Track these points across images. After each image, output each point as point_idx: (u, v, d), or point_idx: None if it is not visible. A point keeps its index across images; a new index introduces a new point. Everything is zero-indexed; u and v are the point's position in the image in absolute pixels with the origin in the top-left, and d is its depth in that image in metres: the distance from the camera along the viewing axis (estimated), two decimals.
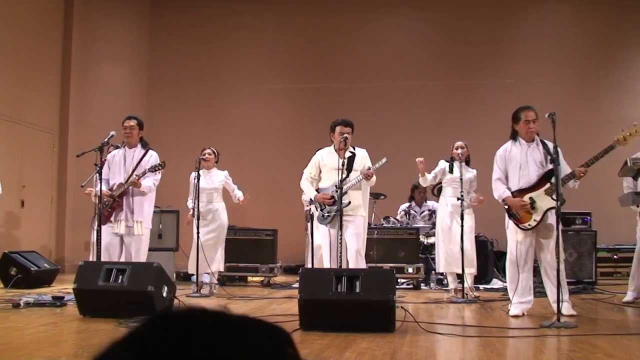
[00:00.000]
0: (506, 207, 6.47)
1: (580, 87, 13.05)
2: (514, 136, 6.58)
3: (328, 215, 6.88)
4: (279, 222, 10.90)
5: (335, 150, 7.00)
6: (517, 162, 6.45)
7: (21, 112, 10.99)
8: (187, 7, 14.40)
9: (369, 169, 6.86)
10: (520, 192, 6.39)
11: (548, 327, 5.52)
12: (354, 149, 7.09)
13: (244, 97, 14.04)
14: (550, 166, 6.25)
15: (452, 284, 8.34)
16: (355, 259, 6.80)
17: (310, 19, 13.98)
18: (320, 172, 7.10)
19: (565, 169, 6.33)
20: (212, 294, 8.49)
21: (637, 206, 7.44)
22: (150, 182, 7.31)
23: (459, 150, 8.11)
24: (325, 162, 7.00)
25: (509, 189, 6.47)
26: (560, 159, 6.31)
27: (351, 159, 6.97)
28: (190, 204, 8.72)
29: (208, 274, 8.81)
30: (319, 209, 7.01)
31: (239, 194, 9.04)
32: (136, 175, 7.17)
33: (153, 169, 7.18)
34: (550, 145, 6.29)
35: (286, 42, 14.08)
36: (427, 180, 8.37)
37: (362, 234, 7.03)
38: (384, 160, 6.89)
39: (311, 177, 7.15)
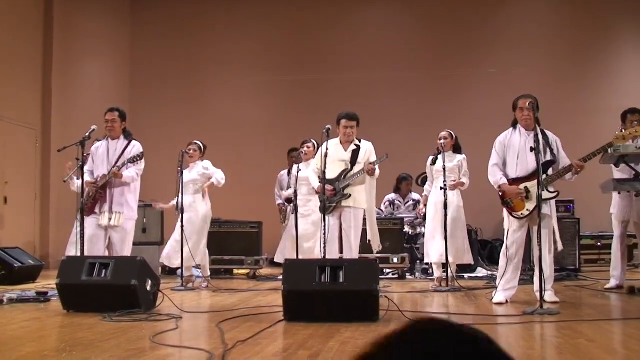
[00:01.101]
0: (500, 194, 6.50)
1: (562, 75, 13.10)
2: (514, 124, 6.62)
3: (330, 206, 7.04)
4: (264, 214, 10.89)
5: (341, 143, 7.16)
6: (516, 150, 6.49)
7: (3, 108, 10.89)
8: (168, 1, 14.33)
9: (371, 164, 6.98)
10: (516, 181, 6.42)
11: (531, 314, 5.56)
12: (360, 142, 7.27)
13: (227, 90, 14.01)
14: (548, 157, 6.30)
15: (437, 272, 8.34)
16: (349, 254, 6.96)
17: (293, 11, 13.95)
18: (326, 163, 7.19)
19: (564, 160, 6.41)
20: (201, 287, 8.45)
21: (619, 193, 7.50)
22: (132, 172, 7.27)
23: (442, 141, 8.16)
24: (330, 154, 7.04)
25: (506, 176, 6.50)
26: (560, 150, 6.42)
27: (355, 152, 7.17)
28: (173, 202, 8.75)
29: (196, 267, 8.80)
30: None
31: (218, 176, 8.74)
32: (117, 167, 7.13)
33: (132, 160, 7.14)
34: (550, 135, 6.41)
35: (269, 34, 14.04)
36: (428, 190, 8.51)
37: (360, 227, 7.20)
38: (384, 157, 7.14)
39: (318, 169, 7.26)
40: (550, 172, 6.32)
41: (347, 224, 7.06)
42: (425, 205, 8.53)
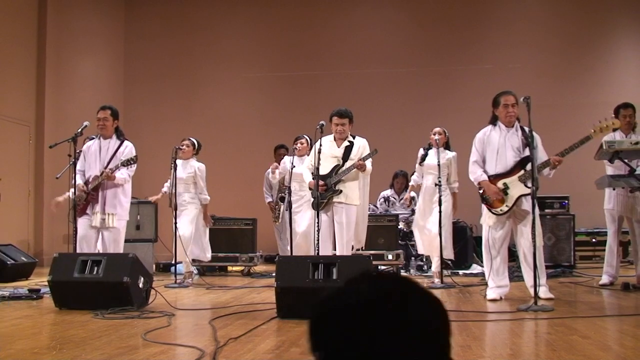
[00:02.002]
0: (480, 191, 6.52)
1: (558, 71, 13.08)
2: (493, 121, 6.63)
3: (321, 202, 7.02)
4: (259, 211, 10.85)
5: (335, 139, 7.13)
6: (495, 147, 6.50)
7: None
8: None
9: (361, 159, 6.97)
10: (496, 177, 6.44)
11: (525, 311, 5.55)
12: (354, 138, 7.26)
13: (221, 87, 13.97)
14: (527, 152, 6.28)
15: (435, 267, 8.26)
16: (341, 251, 6.94)
17: (287, 8, 13.90)
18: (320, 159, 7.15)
19: (542, 156, 6.40)
20: (188, 284, 8.41)
21: (614, 189, 7.48)
22: (125, 174, 7.20)
23: (436, 136, 8.13)
24: (324, 150, 7.02)
25: (485, 172, 6.51)
26: (540, 148, 6.41)
27: (348, 148, 7.15)
28: (164, 189, 8.90)
29: (192, 264, 8.80)
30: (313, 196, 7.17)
31: (203, 198, 8.83)
32: (109, 169, 7.07)
33: (126, 164, 7.07)
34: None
35: (263, 31, 13.99)
36: (416, 181, 8.48)
37: (354, 223, 7.17)
38: (373, 152, 7.11)
39: (312, 165, 7.21)
40: (528, 167, 6.28)
41: (339, 220, 7.04)
42: (412, 198, 8.55)
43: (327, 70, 13.57)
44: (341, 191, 7.01)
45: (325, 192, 7.04)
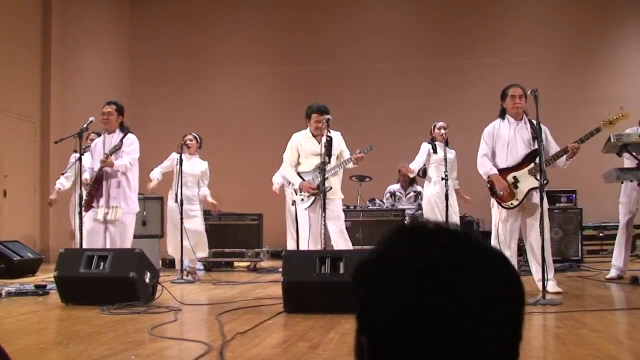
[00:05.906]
0: (489, 185, 6.49)
1: (564, 65, 13.02)
2: (502, 114, 6.59)
3: (311, 201, 6.87)
4: (264, 206, 10.82)
5: (313, 136, 6.98)
6: (505, 140, 6.46)
7: (2, 101, 10.83)
8: None
9: (359, 152, 6.82)
10: (506, 171, 6.39)
11: (533, 305, 5.50)
12: (329, 132, 7.07)
13: (226, 82, 13.94)
14: (537, 145, 6.24)
15: None
16: (341, 238, 6.84)
17: (293, 2, 13.86)
18: (299, 156, 7.05)
19: (554, 147, 6.37)
20: (196, 279, 8.43)
21: (622, 183, 7.42)
22: (126, 160, 7.10)
23: (442, 131, 8.11)
24: (304, 148, 6.94)
25: (495, 166, 6.47)
26: (550, 138, 6.38)
27: (330, 143, 6.97)
28: (155, 174, 8.75)
29: (199, 260, 8.84)
30: (300, 195, 6.98)
31: (206, 192, 8.86)
32: (105, 153, 7.00)
33: (113, 150, 7.01)
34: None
35: (268, 26, 13.96)
36: (415, 170, 8.42)
37: (341, 215, 7.06)
38: (369, 148, 6.93)
39: (293, 162, 7.08)
40: (537, 160, 6.23)
41: (334, 214, 6.89)
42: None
43: (333, 65, 13.53)
44: (331, 188, 6.92)
45: (316, 192, 6.87)
